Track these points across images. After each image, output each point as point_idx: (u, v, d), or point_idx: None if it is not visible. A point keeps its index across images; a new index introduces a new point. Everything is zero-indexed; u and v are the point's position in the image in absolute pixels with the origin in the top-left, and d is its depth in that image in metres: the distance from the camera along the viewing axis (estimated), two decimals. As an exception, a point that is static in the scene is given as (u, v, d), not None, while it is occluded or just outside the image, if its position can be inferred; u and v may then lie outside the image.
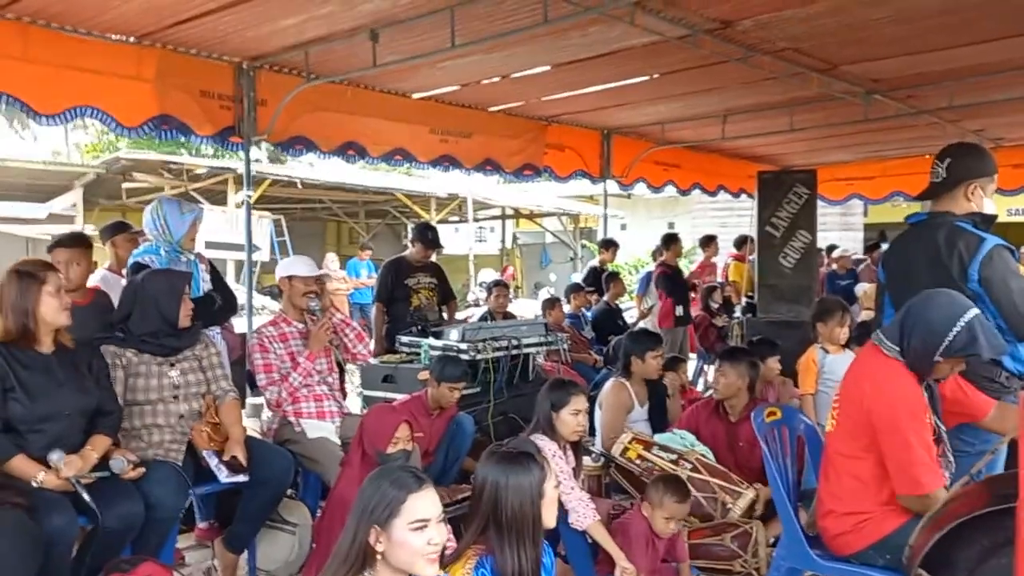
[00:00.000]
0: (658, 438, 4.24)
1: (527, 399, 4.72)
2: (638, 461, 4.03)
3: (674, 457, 3.96)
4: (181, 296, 3.56)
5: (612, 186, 9.14)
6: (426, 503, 2.07)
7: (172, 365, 3.54)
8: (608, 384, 5.06)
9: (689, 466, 3.91)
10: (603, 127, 8.45)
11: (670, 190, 9.60)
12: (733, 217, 15.00)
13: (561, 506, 3.32)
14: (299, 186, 15.08)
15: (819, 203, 10.53)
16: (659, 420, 4.94)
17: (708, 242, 10.08)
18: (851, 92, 6.71)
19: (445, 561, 2.28)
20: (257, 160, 14.20)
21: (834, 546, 2.76)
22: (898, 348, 2.71)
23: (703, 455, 4.08)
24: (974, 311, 2.66)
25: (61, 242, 4.17)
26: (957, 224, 3.12)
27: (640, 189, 9.66)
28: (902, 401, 2.65)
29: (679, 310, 8.08)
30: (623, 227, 21.39)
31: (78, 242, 4.18)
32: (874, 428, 2.67)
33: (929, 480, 2.59)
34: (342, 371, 4.63)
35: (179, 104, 5.27)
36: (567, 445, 3.57)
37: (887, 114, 7.25)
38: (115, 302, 3.92)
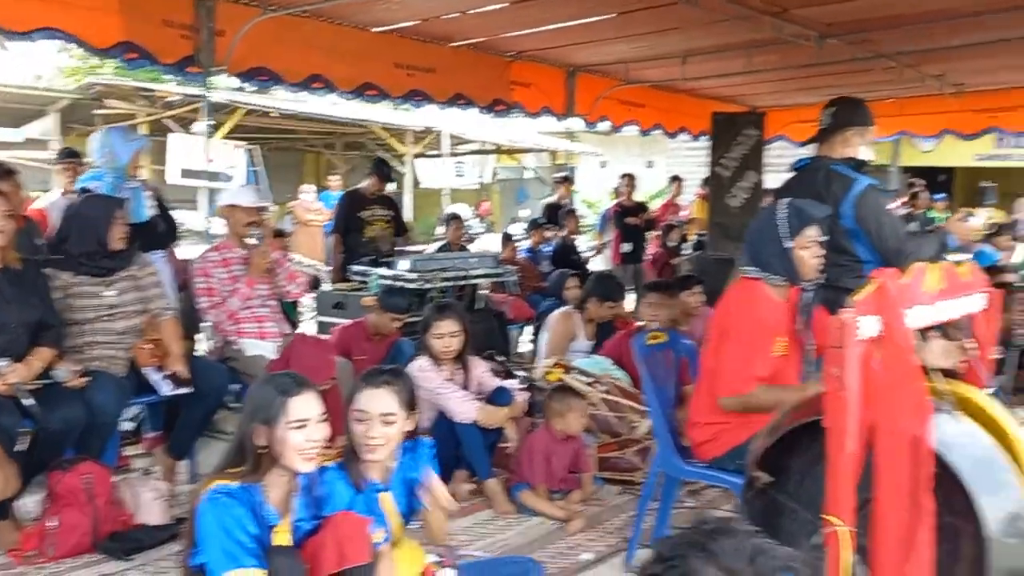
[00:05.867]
0: (577, 363, 4.52)
1: (472, 328, 4.98)
2: (556, 384, 4.30)
3: (591, 380, 4.23)
4: (114, 219, 3.74)
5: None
6: (306, 404, 2.27)
7: (108, 285, 3.74)
8: (557, 311, 5.31)
9: (603, 388, 4.19)
10: (568, 65, 8.46)
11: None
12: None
13: None
14: (275, 115, 15.07)
15: (784, 144, 10.66)
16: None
17: (673, 181, 10.26)
18: (804, 36, 6.79)
19: None
20: (238, 88, 14.13)
21: (698, 453, 3.05)
22: (757, 267, 2.93)
23: (618, 379, 4.35)
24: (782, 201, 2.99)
25: None
26: (833, 167, 3.38)
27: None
28: (752, 314, 2.90)
29: (625, 247, 8.35)
30: (603, 164, 21.43)
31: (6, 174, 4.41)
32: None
33: (745, 383, 2.81)
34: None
35: (143, 32, 5.30)
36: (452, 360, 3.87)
37: (841, 58, 7.35)
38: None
